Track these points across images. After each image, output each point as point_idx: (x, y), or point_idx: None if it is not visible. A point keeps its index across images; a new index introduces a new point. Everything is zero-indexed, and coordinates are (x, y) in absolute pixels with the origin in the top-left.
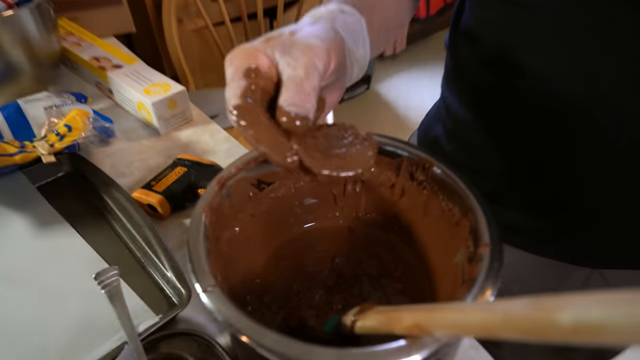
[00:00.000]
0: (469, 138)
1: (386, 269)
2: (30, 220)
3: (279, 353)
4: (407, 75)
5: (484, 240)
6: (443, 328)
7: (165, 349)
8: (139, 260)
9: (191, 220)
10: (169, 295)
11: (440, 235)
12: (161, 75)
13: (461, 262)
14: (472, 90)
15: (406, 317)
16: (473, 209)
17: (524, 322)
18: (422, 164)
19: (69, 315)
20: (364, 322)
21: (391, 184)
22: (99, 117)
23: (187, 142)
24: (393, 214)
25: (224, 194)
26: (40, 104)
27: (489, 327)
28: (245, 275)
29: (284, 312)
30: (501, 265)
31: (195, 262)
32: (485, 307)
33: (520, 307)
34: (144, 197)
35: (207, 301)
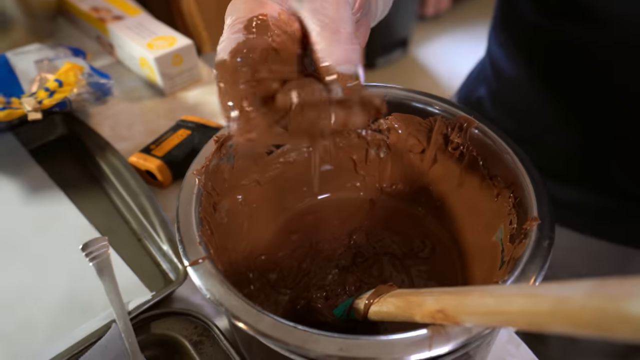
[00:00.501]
0: (520, 101)
1: (412, 248)
2: (20, 186)
3: (275, 339)
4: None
5: (531, 215)
6: (474, 316)
7: (157, 330)
8: (135, 231)
9: (183, 184)
10: (165, 271)
11: (478, 210)
12: (167, 27)
13: (501, 241)
14: (526, 41)
15: (429, 302)
16: (519, 179)
17: (582, 313)
18: (459, 124)
19: (57, 288)
20: (380, 307)
21: (421, 149)
22: (94, 72)
23: (195, 103)
24: (422, 185)
25: (223, 156)
26: (31, 57)
27: (534, 317)
28: (248, 250)
29: (292, 294)
30: (551, 245)
31: (183, 231)
32: (530, 292)
33: (578, 293)
34: (142, 162)
35: (194, 275)
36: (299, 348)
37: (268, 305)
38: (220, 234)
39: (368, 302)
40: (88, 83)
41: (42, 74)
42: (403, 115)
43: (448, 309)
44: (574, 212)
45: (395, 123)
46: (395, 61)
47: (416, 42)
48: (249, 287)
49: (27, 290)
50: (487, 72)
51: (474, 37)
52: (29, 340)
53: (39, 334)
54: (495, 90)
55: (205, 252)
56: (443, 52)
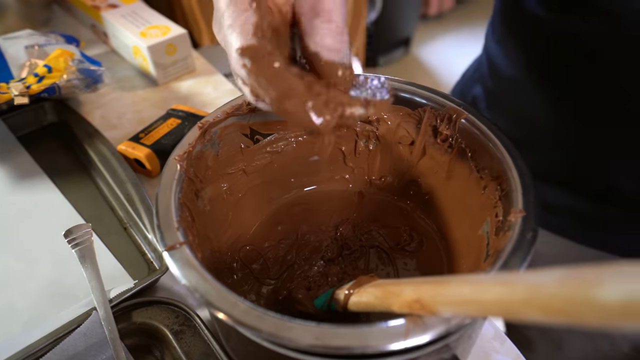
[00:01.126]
0: (516, 101)
1: (399, 241)
2: (7, 172)
3: (249, 326)
4: (453, 38)
5: (516, 207)
6: (450, 305)
7: (138, 319)
8: (121, 219)
9: (164, 169)
10: (150, 260)
11: (465, 203)
12: (161, 16)
13: (487, 234)
14: (527, 37)
15: (406, 292)
16: (506, 171)
17: (555, 300)
18: (449, 115)
19: (39, 274)
20: (360, 297)
21: (410, 141)
22: (85, 59)
23: (187, 93)
24: (411, 177)
25: (207, 142)
26: (21, 42)
27: (508, 305)
28: (232, 239)
29: (275, 284)
30: (535, 237)
31: (162, 215)
32: (504, 280)
33: (550, 279)
34: (130, 150)
35: (169, 260)
36: (272, 336)
37: (251, 295)
38: (202, 222)
39: (348, 292)
40: (78, 69)
41: (32, 60)
42: (392, 106)
43: (425, 298)
44: (568, 219)
45: (384, 114)
46: (397, 60)
47: (418, 42)
48: (232, 277)
49: (10, 275)
50: (483, 70)
51: (477, 38)
52: (8, 325)
53: (19, 319)
54: (490, 89)
55: (184, 237)
56: (445, 52)
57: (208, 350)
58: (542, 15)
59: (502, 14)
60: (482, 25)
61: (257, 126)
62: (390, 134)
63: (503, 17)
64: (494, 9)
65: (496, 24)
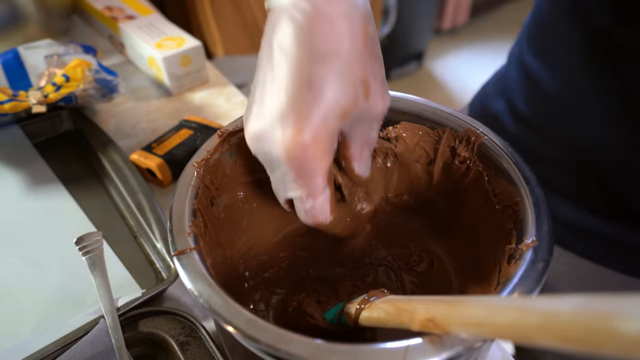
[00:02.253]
0: (553, 117)
1: (408, 261)
2: (22, 178)
3: (248, 336)
4: (467, 53)
5: (529, 235)
6: (464, 326)
7: (145, 328)
8: (131, 228)
9: (181, 175)
10: (158, 270)
11: (479, 227)
12: (177, 28)
13: (499, 261)
14: (578, 49)
15: (419, 310)
16: (522, 198)
17: (570, 328)
18: (467, 137)
19: (49, 281)
20: (371, 313)
21: (428, 160)
22: (102, 69)
23: (200, 104)
24: (427, 197)
25: (225, 151)
26: (41, 52)
27: (522, 330)
28: (246, 247)
29: (284, 295)
30: (546, 268)
31: (175, 220)
32: (519, 305)
33: (567, 308)
34: (143, 160)
35: (178, 265)
36: (270, 347)
37: (260, 304)
38: (216, 229)
39: (359, 307)
40: (95, 79)
41: (51, 69)
42: (412, 125)
43: (438, 317)
44: (594, 241)
45: (403, 132)
46: (409, 74)
47: (431, 56)
48: (243, 285)
49: (20, 280)
50: (508, 84)
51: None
52: (16, 329)
53: (28, 325)
54: (518, 104)
55: (194, 243)
56: (458, 67)
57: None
58: (605, 26)
59: (547, 24)
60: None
61: None
62: (408, 153)
63: (550, 27)
64: (533, 18)
65: (535, 35)
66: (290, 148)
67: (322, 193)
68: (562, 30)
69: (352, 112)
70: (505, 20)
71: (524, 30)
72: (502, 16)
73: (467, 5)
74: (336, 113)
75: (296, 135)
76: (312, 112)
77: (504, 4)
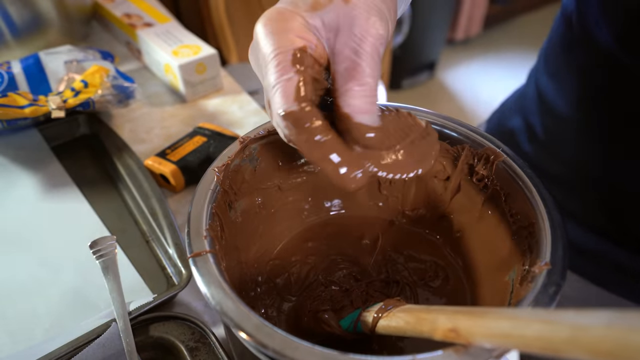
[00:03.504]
0: (564, 138)
1: (424, 276)
2: (39, 181)
3: (256, 340)
4: (479, 64)
5: (543, 258)
6: (488, 337)
7: (155, 333)
8: (144, 232)
9: (202, 179)
10: (169, 275)
11: (495, 246)
12: (193, 36)
13: (512, 281)
14: (587, 72)
15: (441, 320)
16: (538, 219)
17: (602, 342)
18: (486, 155)
19: (63, 283)
20: (389, 321)
21: (446, 176)
22: (119, 75)
23: (214, 112)
24: (443, 213)
25: (246, 157)
26: (61, 58)
27: (550, 343)
28: (260, 252)
29: (296, 302)
30: (557, 292)
31: (193, 222)
32: (546, 318)
33: (597, 322)
34: (157, 165)
35: (193, 267)
36: (277, 353)
37: (272, 310)
38: (233, 233)
39: (376, 315)
40: (112, 85)
41: (70, 74)
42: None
43: (461, 328)
44: (604, 266)
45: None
46: (421, 83)
47: (443, 66)
48: (256, 290)
49: (34, 282)
50: (526, 103)
51: (503, 65)
52: (30, 331)
53: (41, 327)
54: (534, 123)
55: (210, 246)
56: (470, 77)
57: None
58: (612, 50)
59: (562, 45)
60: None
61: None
62: None
63: (563, 49)
64: (550, 40)
65: (551, 56)
66: (263, 17)
67: (287, 68)
68: (575, 53)
69: (324, 4)
70: (518, 32)
71: (541, 51)
72: (515, 28)
73: (481, 17)
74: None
75: (269, 11)
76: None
77: (517, 17)
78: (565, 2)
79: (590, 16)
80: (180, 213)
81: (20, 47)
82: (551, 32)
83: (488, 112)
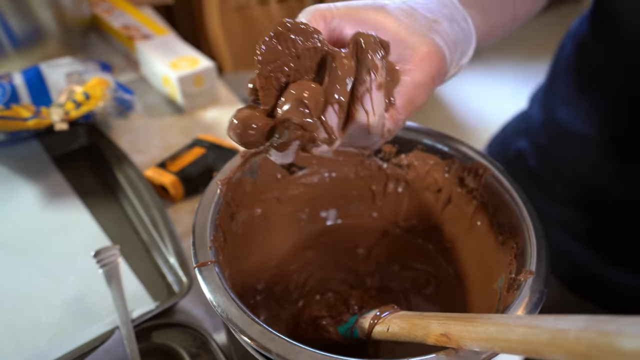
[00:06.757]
0: (578, 160)
1: (417, 284)
2: (40, 191)
3: (261, 346)
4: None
5: (528, 267)
6: (477, 341)
7: (158, 339)
8: (144, 242)
9: (205, 191)
10: (170, 283)
11: (483, 255)
12: (190, 49)
13: (500, 289)
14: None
15: (433, 326)
16: (524, 231)
17: (577, 345)
18: (476, 169)
19: (65, 292)
20: (384, 327)
21: (437, 188)
22: (119, 88)
23: (211, 123)
24: (435, 223)
25: (247, 170)
26: (62, 70)
27: (532, 346)
28: (260, 261)
29: (293, 309)
30: (541, 300)
31: (197, 234)
32: (529, 323)
33: (574, 326)
34: (157, 176)
35: (199, 276)
36: (280, 357)
37: (270, 317)
38: (234, 243)
39: (372, 322)
40: (113, 98)
41: (71, 86)
42: (424, 154)
43: (452, 333)
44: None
45: (415, 161)
46: None
47: None
48: (255, 298)
49: (37, 291)
50: (532, 126)
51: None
52: (34, 339)
53: (45, 334)
54: (545, 146)
55: (214, 257)
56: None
57: None
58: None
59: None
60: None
61: (295, 159)
62: (419, 180)
63: (583, 75)
64: (562, 64)
65: (563, 82)
66: None
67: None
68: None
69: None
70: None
71: (546, 79)
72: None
73: None
74: None
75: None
76: None
77: None
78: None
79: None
80: (179, 223)
81: (20, 58)
82: (558, 58)
83: (477, 120)
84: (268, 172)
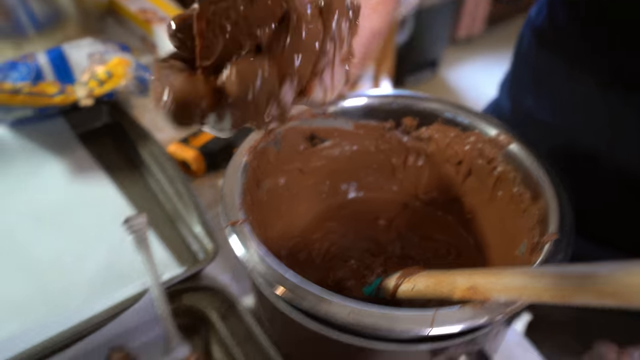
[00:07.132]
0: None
1: (437, 254)
2: (67, 166)
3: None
4: (482, 62)
5: (552, 230)
6: (504, 291)
7: (187, 302)
8: (169, 214)
9: (232, 159)
10: (195, 251)
11: (505, 224)
12: None
13: (523, 254)
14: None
15: (459, 280)
16: (546, 196)
17: (606, 286)
18: (496, 140)
19: (96, 259)
20: (409, 286)
21: (458, 161)
22: (140, 67)
23: None
24: (456, 195)
25: (270, 141)
26: (84, 50)
27: (561, 292)
28: (283, 230)
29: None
30: (564, 260)
31: (227, 196)
32: (557, 271)
33: (602, 271)
34: (179, 152)
35: (232, 234)
36: (313, 308)
37: None
38: (259, 209)
39: (398, 281)
40: (134, 76)
41: (93, 66)
42: (444, 127)
43: (479, 285)
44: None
45: (435, 134)
46: (423, 81)
47: (446, 64)
48: None
49: (69, 257)
50: (503, 115)
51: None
52: (67, 302)
53: (77, 297)
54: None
55: (245, 217)
56: (472, 75)
57: (251, 333)
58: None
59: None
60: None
61: (317, 131)
62: (439, 153)
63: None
64: (524, 53)
65: (525, 70)
66: None
67: None
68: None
69: None
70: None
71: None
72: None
73: (484, 15)
74: None
75: None
76: None
77: (520, 15)
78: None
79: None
80: (201, 196)
81: (42, 40)
82: (519, 47)
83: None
84: (291, 143)
